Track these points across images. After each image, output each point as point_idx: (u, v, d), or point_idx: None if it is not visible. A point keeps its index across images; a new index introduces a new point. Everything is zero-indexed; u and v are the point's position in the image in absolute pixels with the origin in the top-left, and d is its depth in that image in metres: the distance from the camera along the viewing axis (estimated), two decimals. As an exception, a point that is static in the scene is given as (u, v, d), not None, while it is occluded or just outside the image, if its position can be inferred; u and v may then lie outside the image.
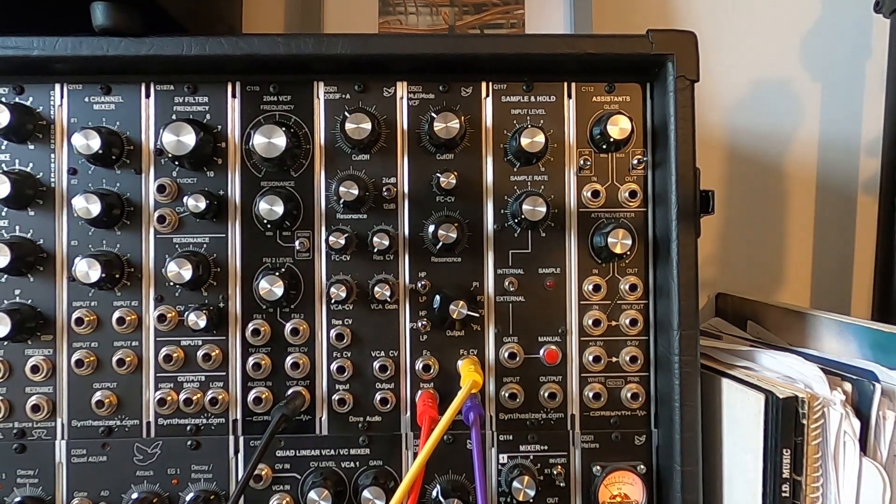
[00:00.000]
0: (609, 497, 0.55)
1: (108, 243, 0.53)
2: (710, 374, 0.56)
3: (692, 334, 0.52)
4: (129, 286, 0.53)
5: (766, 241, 0.85)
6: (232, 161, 0.54)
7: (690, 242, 0.52)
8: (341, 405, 0.54)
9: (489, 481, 0.55)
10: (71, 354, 0.53)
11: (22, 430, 0.53)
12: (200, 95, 0.54)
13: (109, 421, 0.53)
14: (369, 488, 0.52)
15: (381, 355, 0.55)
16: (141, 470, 0.53)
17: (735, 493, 0.53)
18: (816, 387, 0.50)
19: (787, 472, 0.49)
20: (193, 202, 0.52)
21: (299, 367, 0.54)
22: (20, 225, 0.53)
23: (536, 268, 0.55)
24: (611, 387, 0.55)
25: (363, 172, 0.54)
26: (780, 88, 0.84)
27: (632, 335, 0.55)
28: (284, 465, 0.54)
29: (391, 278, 0.54)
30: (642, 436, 0.56)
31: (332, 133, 0.54)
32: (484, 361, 0.55)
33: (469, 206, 0.55)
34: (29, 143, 0.53)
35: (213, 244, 0.54)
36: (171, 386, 0.54)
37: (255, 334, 0.53)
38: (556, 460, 0.55)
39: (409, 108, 0.55)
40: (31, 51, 0.50)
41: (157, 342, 0.54)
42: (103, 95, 0.53)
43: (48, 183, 0.53)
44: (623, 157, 0.55)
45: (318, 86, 0.54)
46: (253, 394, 0.53)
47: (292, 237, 0.54)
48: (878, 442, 0.48)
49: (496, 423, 0.55)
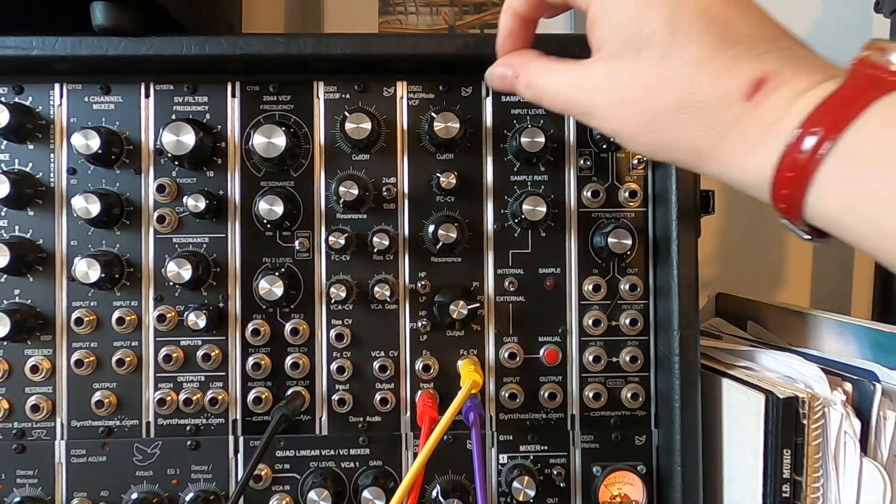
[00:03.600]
0: (609, 497, 0.55)
1: (108, 243, 0.53)
2: (710, 374, 0.56)
3: (692, 334, 0.52)
4: (128, 286, 0.53)
5: (766, 241, 0.85)
6: (232, 161, 0.54)
7: (690, 242, 0.52)
8: (341, 405, 0.54)
9: (489, 481, 0.55)
10: (70, 354, 0.53)
11: (21, 431, 0.53)
12: (200, 95, 0.54)
13: (109, 421, 0.53)
14: (369, 488, 0.52)
15: (381, 355, 0.55)
16: (141, 470, 0.53)
17: (735, 493, 0.53)
18: (817, 387, 0.50)
19: (787, 472, 0.49)
20: (193, 202, 0.52)
21: (299, 367, 0.54)
22: (20, 225, 0.53)
23: (536, 268, 0.55)
24: (611, 387, 0.55)
25: (363, 172, 0.54)
26: (780, 88, 0.84)
27: (632, 335, 0.55)
28: (284, 465, 0.54)
29: (391, 278, 0.54)
30: (642, 436, 0.56)
31: (332, 133, 0.54)
32: (484, 361, 0.55)
33: (469, 206, 0.55)
34: (28, 143, 0.53)
35: (212, 244, 0.54)
36: (170, 386, 0.54)
37: (255, 334, 0.53)
38: (556, 460, 0.55)
39: (409, 107, 0.55)
40: (31, 51, 0.50)
41: (157, 342, 0.53)
42: (103, 95, 0.53)
43: (48, 183, 0.53)
44: (623, 157, 0.55)
45: (318, 86, 0.54)
46: (253, 394, 0.53)
47: (292, 237, 0.54)
48: (879, 442, 0.48)
49: (496, 423, 0.55)
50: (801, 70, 0.32)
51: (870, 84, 0.30)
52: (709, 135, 0.33)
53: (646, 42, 0.34)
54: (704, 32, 0.33)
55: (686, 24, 0.33)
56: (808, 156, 0.30)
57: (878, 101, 0.29)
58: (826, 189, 0.30)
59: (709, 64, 0.33)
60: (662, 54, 0.34)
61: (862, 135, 0.29)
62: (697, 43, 0.33)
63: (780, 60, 0.32)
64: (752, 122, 0.32)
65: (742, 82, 0.32)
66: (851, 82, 0.30)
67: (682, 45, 0.33)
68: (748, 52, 0.33)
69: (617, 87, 0.36)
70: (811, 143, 0.30)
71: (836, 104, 0.30)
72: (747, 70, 0.32)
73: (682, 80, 0.33)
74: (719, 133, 0.33)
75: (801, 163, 0.30)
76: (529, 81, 0.41)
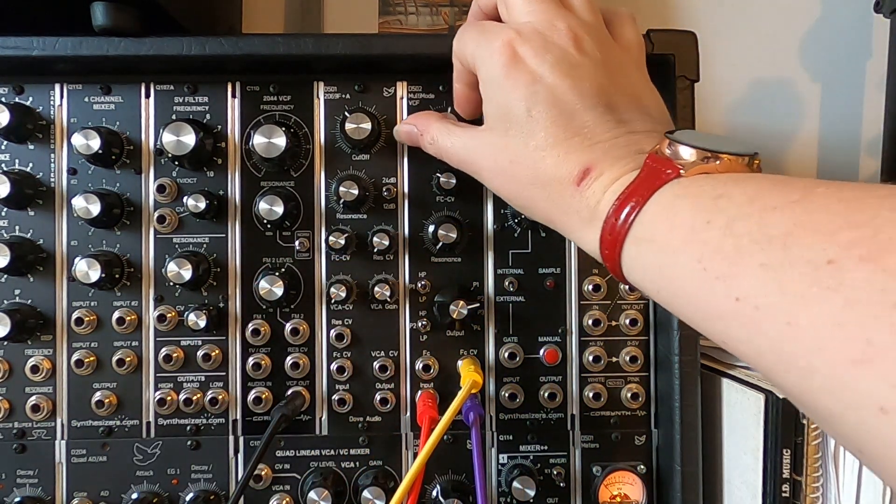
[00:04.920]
0: (609, 497, 0.55)
1: (108, 243, 0.53)
2: (710, 374, 0.56)
3: (692, 334, 0.52)
4: (128, 286, 0.53)
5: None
6: (232, 161, 0.54)
7: (690, 242, 0.52)
8: (341, 405, 0.54)
9: (489, 481, 0.55)
10: (71, 354, 0.53)
11: (22, 430, 0.53)
12: (200, 95, 0.54)
13: (109, 421, 0.53)
14: (369, 488, 0.52)
15: (381, 355, 0.55)
16: (141, 470, 0.53)
17: (735, 493, 0.53)
18: (816, 387, 0.50)
19: (787, 472, 0.49)
20: (193, 202, 0.52)
21: (299, 367, 0.54)
22: (20, 225, 0.53)
23: (536, 268, 0.55)
24: (611, 387, 0.55)
25: (363, 172, 0.54)
26: (780, 88, 0.84)
27: (632, 335, 0.55)
28: (284, 465, 0.54)
29: (391, 278, 0.54)
30: (642, 436, 0.56)
31: (332, 133, 0.54)
32: (484, 361, 0.55)
33: (469, 206, 0.55)
34: (29, 143, 0.53)
35: (213, 244, 0.54)
36: (171, 386, 0.54)
37: (255, 334, 0.53)
38: (556, 460, 0.55)
39: (410, 108, 0.55)
40: (31, 51, 0.50)
41: (157, 342, 0.54)
42: (103, 95, 0.53)
43: (48, 183, 0.53)
44: (623, 157, 0.55)
45: (318, 86, 0.54)
46: (253, 394, 0.53)
47: (292, 237, 0.54)
48: (879, 442, 0.48)
49: (496, 423, 0.55)
50: (619, 159, 0.37)
51: (654, 176, 0.35)
52: (555, 209, 0.39)
53: (512, 122, 0.39)
54: (553, 123, 0.38)
55: (539, 113, 0.38)
56: (615, 235, 0.35)
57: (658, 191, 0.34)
58: (629, 263, 0.35)
59: (553, 150, 0.38)
60: (523, 134, 0.39)
61: (642, 221, 0.34)
62: (545, 131, 0.38)
63: (607, 151, 0.37)
64: (582, 203, 0.37)
65: (574, 170, 0.37)
66: (643, 174, 0.35)
67: (535, 131, 0.39)
68: (583, 142, 0.38)
69: (493, 155, 0.41)
70: (617, 225, 0.35)
71: (633, 193, 0.35)
72: (579, 160, 0.37)
73: (533, 161, 0.39)
74: (562, 209, 0.39)
75: (611, 241, 0.36)
76: (432, 140, 0.46)
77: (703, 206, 0.32)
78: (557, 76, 0.38)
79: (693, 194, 0.33)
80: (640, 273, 0.35)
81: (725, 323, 0.30)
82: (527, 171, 0.39)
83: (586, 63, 0.39)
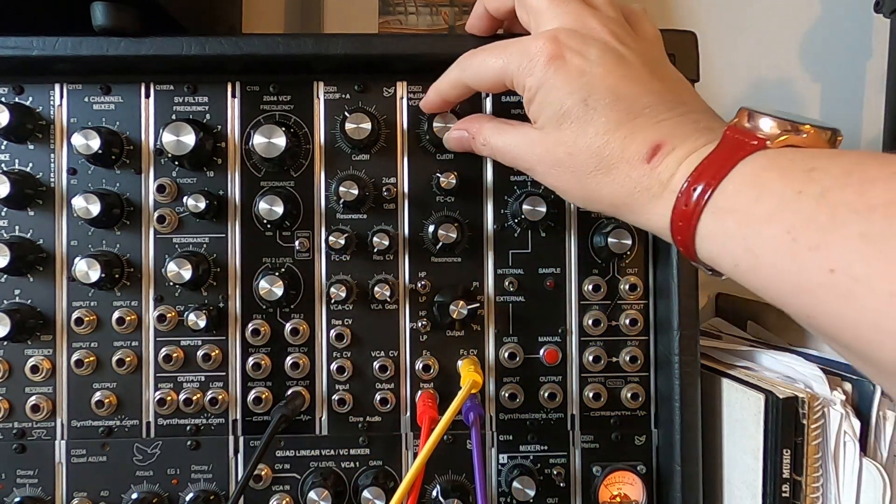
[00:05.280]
0: (609, 497, 0.55)
1: (108, 243, 0.53)
2: (710, 374, 0.56)
3: (692, 334, 0.52)
4: (128, 286, 0.53)
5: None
6: (232, 161, 0.54)
7: (690, 242, 0.52)
8: (341, 405, 0.54)
9: (489, 481, 0.55)
10: (71, 354, 0.53)
11: (21, 430, 0.53)
12: (200, 95, 0.54)
13: (109, 421, 0.53)
14: (369, 488, 0.52)
15: (381, 355, 0.55)
16: (141, 470, 0.53)
17: (735, 493, 0.53)
18: (816, 387, 0.50)
19: (787, 472, 0.49)
20: (193, 202, 0.52)
21: (299, 367, 0.54)
22: (20, 225, 0.53)
23: (536, 268, 0.55)
24: (611, 387, 0.55)
25: (363, 172, 0.54)
26: (780, 88, 0.84)
27: (632, 335, 0.55)
28: (284, 465, 0.54)
29: (391, 278, 0.54)
30: (642, 436, 0.56)
31: (331, 133, 0.54)
32: (484, 361, 0.55)
33: (469, 206, 0.55)
34: (29, 143, 0.53)
35: (212, 244, 0.54)
36: (170, 386, 0.54)
37: (255, 334, 0.53)
38: (556, 460, 0.55)
39: (409, 108, 0.55)
40: (31, 51, 0.50)
41: (157, 342, 0.54)
42: (103, 95, 0.53)
43: (48, 183, 0.53)
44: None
45: (317, 86, 0.54)
46: (253, 394, 0.53)
47: (292, 237, 0.54)
48: (879, 442, 0.48)
49: (496, 423, 0.55)
50: (689, 135, 0.37)
51: (736, 147, 0.35)
52: (621, 191, 0.39)
53: (566, 116, 0.40)
54: (611, 108, 0.39)
55: (595, 101, 0.39)
56: (692, 208, 0.35)
57: (741, 162, 0.34)
58: (705, 236, 0.35)
59: (616, 133, 0.39)
60: (581, 124, 0.40)
61: (724, 192, 0.34)
62: (606, 117, 0.39)
63: (674, 127, 0.38)
64: (652, 180, 0.37)
65: (643, 148, 0.38)
66: (722, 146, 0.35)
67: (594, 119, 0.39)
68: (648, 121, 0.38)
69: (548, 151, 0.42)
70: (694, 197, 0.35)
71: (711, 165, 0.35)
72: (647, 138, 0.38)
73: (596, 147, 0.39)
74: (629, 190, 0.39)
75: (686, 214, 0.35)
76: (485, 141, 0.47)
77: (795, 177, 0.31)
78: (608, 65, 0.40)
79: (782, 166, 0.32)
80: (717, 246, 0.34)
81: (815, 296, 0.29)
82: (589, 158, 0.39)
83: (628, 53, 0.41)
